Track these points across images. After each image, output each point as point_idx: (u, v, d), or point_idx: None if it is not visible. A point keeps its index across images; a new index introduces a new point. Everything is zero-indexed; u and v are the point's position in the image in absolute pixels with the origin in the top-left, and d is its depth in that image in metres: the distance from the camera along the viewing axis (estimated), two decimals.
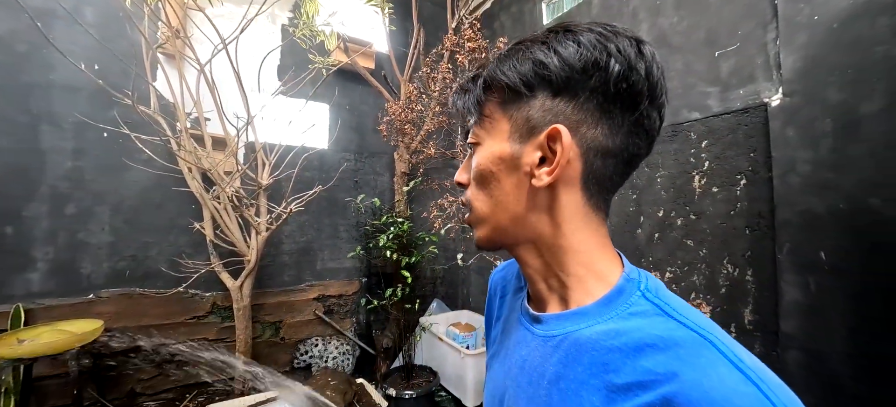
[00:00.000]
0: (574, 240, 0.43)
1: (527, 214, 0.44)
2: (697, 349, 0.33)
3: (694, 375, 0.31)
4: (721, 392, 0.29)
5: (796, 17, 1.60)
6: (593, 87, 0.40)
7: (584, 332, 0.40)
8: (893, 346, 1.33)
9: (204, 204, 2.25)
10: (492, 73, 0.44)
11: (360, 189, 3.13)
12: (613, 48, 0.39)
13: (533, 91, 0.42)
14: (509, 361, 0.49)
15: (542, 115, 0.42)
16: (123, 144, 2.29)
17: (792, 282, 1.61)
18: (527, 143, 0.43)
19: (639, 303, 0.39)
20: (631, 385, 0.34)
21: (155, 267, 2.41)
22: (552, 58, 0.40)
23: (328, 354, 2.80)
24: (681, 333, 0.34)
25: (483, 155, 0.45)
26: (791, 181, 1.62)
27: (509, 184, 0.44)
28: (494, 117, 0.45)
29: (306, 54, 2.61)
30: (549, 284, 0.46)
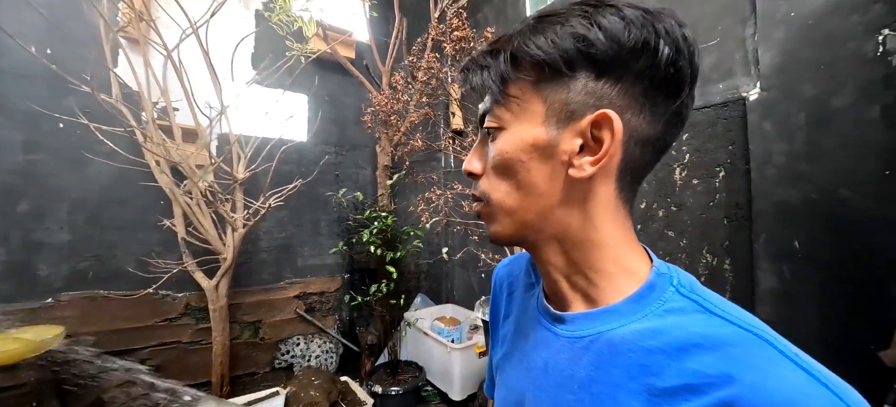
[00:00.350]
0: (605, 234, 0.40)
1: (557, 208, 0.39)
2: (750, 348, 0.30)
3: (753, 376, 0.28)
4: (787, 394, 0.27)
5: (774, 13, 1.65)
6: (640, 70, 0.36)
7: (618, 331, 0.37)
8: (862, 329, 1.41)
9: (174, 200, 2.12)
10: (522, 46, 0.37)
11: (341, 183, 3.04)
12: (661, 29, 0.35)
13: (574, 70, 0.37)
14: (528, 364, 0.45)
15: (585, 98, 0.37)
16: (82, 136, 2.12)
17: (767, 270, 1.67)
18: (565, 129, 0.38)
19: (674, 299, 0.36)
20: (677, 389, 0.31)
21: (121, 267, 2.26)
22: (598, 33, 0.35)
23: (311, 352, 2.73)
24: (728, 330, 0.32)
25: (509, 141, 0.40)
26: (767, 173, 1.68)
27: (541, 174, 0.39)
28: (525, 98, 0.39)
29: (282, 42, 2.50)
30: (572, 281, 0.42)
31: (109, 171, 2.21)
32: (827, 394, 0.27)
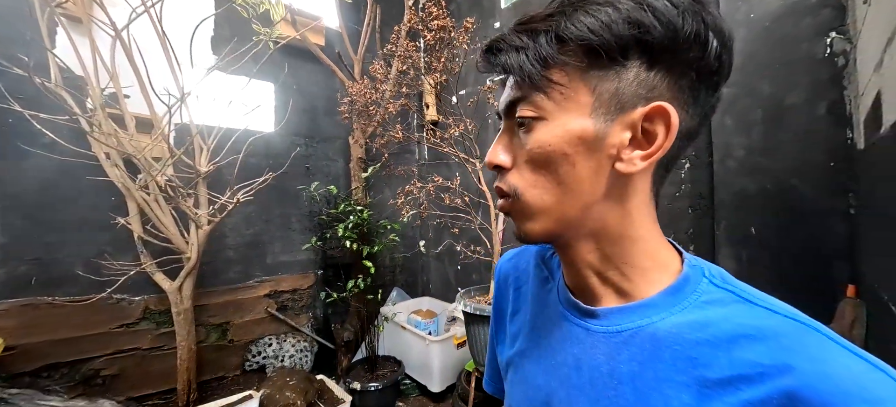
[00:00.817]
0: (642, 229, 0.39)
1: (597, 203, 0.37)
2: (802, 337, 0.30)
3: (814, 366, 0.28)
4: (853, 382, 0.27)
5: (735, 14, 1.75)
6: (689, 61, 0.34)
7: (659, 325, 0.36)
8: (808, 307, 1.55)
9: (129, 195, 1.94)
10: (570, 27, 0.34)
11: (312, 176, 2.93)
12: (710, 20, 0.34)
13: (627, 58, 0.34)
14: (554, 361, 0.43)
15: (636, 89, 0.35)
16: (15, 126, 1.89)
17: (727, 254, 1.80)
18: (614, 122, 0.35)
19: (710, 291, 0.36)
20: (731, 379, 0.31)
21: (69, 271, 2.05)
22: (653, 19, 0.32)
23: (284, 352, 2.63)
24: (774, 320, 0.32)
25: (552, 132, 0.36)
26: (728, 165, 1.80)
27: (587, 168, 0.36)
28: (571, 86, 0.35)
29: (245, 25, 2.34)
30: (605, 277, 0.41)
31: (50, 165, 1.98)
32: (887, 378, 0.27)
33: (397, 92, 2.25)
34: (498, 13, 2.88)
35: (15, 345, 1.87)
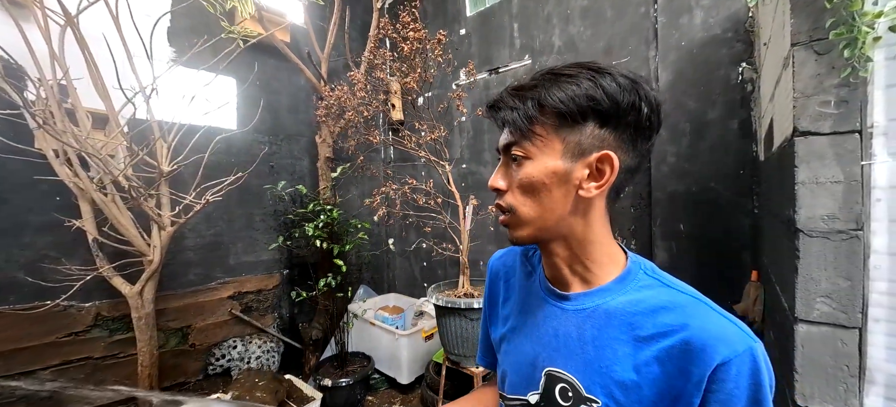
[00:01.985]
0: (599, 235, 0.56)
1: (567, 217, 0.53)
2: (694, 308, 0.49)
3: (699, 323, 0.47)
4: (719, 332, 0.46)
5: (669, 39, 2.04)
6: (628, 122, 0.50)
7: (611, 303, 0.54)
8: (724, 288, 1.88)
9: (81, 195, 1.82)
10: (547, 97, 0.50)
11: (277, 175, 2.88)
12: (643, 93, 0.50)
13: (585, 119, 0.50)
14: (538, 333, 0.60)
15: (592, 140, 0.50)
16: None
17: (662, 247, 2.10)
18: (577, 162, 0.51)
19: (644, 279, 0.54)
20: (653, 336, 0.49)
21: (4, 278, 1.88)
22: (603, 94, 0.48)
23: (250, 354, 2.58)
24: (680, 298, 0.51)
25: (536, 168, 0.52)
26: (662, 170, 2.09)
27: (559, 193, 0.52)
28: (548, 137, 0.51)
29: (203, 17, 2.25)
30: (573, 269, 0.57)
31: None
32: (738, 330, 0.47)
33: (371, 96, 2.31)
34: (463, 20, 3.02)
35: None
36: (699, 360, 0.45)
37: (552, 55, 2.51)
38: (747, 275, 1.68)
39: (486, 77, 2.87)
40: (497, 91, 2.31)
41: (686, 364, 0.46)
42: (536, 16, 2.58)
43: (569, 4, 2.42)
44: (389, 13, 3.15)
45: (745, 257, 1.83)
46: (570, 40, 2.44)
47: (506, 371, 0.65)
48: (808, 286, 0.90)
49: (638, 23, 2.16)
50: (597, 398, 0.51)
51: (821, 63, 0.87)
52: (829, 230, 0.87)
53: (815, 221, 0.89)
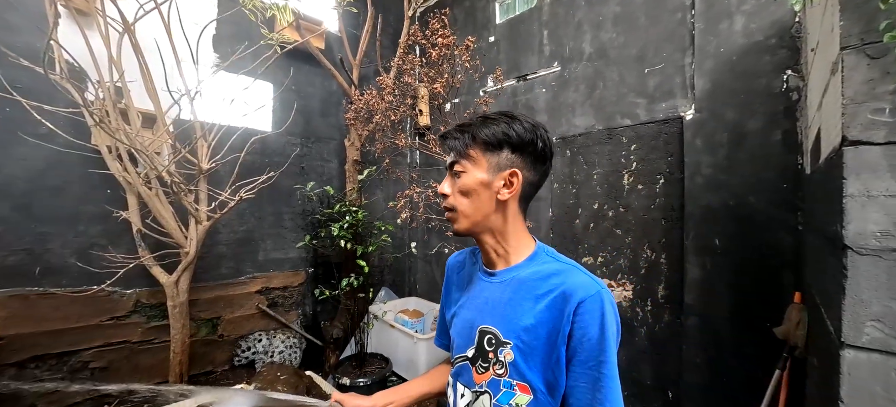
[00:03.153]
0: (514, 228, 0.78)
1: (491, 215, 0.76)
2: (570, 271, 0.72)
3: (570, 279, 0.70)
4: (580, 283, 0.68)
5: (707, 47, 1.96)
6: (529, 151, 0.75)
7: (521, 274, 0.76)
8: (762, 309, 1.76)
9: (129, 189, 1.96)
10: (478, 133, 0.75)
11: (307, 176, 2.98)
12: (539, 133, 0.75)
13: (502, 148, 0.74)
14: (476, 303, 0.81)
15: (506, 161, 0.75)
16: (12, 114, 1.88)
17: (694, 263, 2.00)
18: (496, 175, 0.74)
19: (545, 258, 0.78)
20: (546, 293, 0.71)
21: (58, 262, 2.04)
22: (513, 133, 0.74)
23: (274, 348, 2.66)
24: (563, 266, 0.74)
25: (470, 179, 0.75)
26: (697, 181, 2.00)
27: (484, 197, 0.75)
28: (477, 158, 0.75)
29: (248, 26, 2.39)
30: (498, 253, 0.80)
31: (43, 155, 1.98)
32: (593, 281, 0.69)
33: (400, 101, 2.35)
34: (492, 27, 3.04)
35: (3, 336, 1.85)
36: (568, 302, 0.67)
37: (582, 62, 2.47)
38: (788, 296, 1.57)
39: (513, 84, 2.86)
40: (524, 98, 2.29)
41: (562, 305, 0.68)
42: (567, 23, 2.56)
43: (601, 11, 2.38)
44: (420, 21, 3.22)
45: (786, 277, 1.71)
46: (601, 47, 2.39)
47: (454, 339, 0.84)
48: (856, 309, 0.83)
49: (673, 29, 2.09)
50: (509, 340, 0.72)
51: (874, 68, 0.81)
52: (881, 248, 0.80)
53: (865, 238, 0.82)
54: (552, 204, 2.63)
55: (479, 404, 0.76)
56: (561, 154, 2.58)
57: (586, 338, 0.66)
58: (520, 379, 0.71)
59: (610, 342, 0.66)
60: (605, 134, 2.36)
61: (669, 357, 2.09)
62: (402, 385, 0.94)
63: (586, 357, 0.66)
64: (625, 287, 2.29)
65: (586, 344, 0.66)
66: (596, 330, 0.66)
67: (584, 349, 0.66)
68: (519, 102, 2.81)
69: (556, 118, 2.61)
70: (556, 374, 0.69)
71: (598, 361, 0.66)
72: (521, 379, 0.71)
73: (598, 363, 0.66)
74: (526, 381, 0.70)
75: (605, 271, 2.36)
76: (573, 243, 2.52)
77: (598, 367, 0.66)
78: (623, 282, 2.29)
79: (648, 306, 2.18)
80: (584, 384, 0.66)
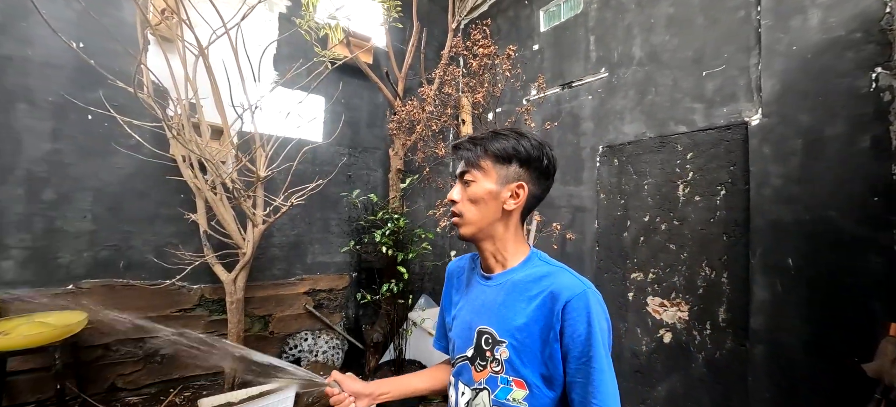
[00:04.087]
0: (513, 236, 0.84)
1: (495, 222, 0.82)
2: (560, 273, 0.77)
3: (559, 280, 0.75)
4: (568, 283, 0.74)
5: (776, 45, 1.78)
6: (535, 167, 0.81)
7: (515, 277, 0.81)
8: (845, 341, 1.53)
9: (198, 194, 2.18)
10: (488, 146, 0.80)
11: (353, 184, 3.12)
12: (545, 152, 0.81)
13: (511, 161, 0.80)
14: (473, 305, 0.86)
15: (514, 174, 0.81)
16: (110, 128, 2.18)
17: (762, 283, 1.80)
18: (504, 187, 0.80)
19: (537, 262, 0.83)
20: (537, 294, 0.76)
21: (139, 257, 2.31)
22: (522, 148, 0.80)
23: (318, 348, 2.79)
24: (552, 269, 0.79)
25: (479, 188, 0.80)
26: (764, 193, 1.81)
27: (492, 206, 0.80)
28: (488, 169, 0.80)
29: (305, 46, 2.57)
30: (496, 258, 0.85)
31: (132, 163, 2.26)
32: (579, 282, 0.74)
33: (441, 111, 2.40)
34: (536, 36, 3.00)
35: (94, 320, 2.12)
36: (556, 301, 0.73)
37: (631, 67, 2.36)
38: (880, 327, 1.36)
39: (558, 91, 2.79)
40: (569, 105, 2.25)
41: (551, 304, 0.73)
42: (615, 27, 2.46)
43: (652, 13, 2.27)
44: (463, 33, 3.27)
45: (875, 306, 1.48)
46: (652, 51, 2.27)
47: (454, 340, 0.88)
48: None
49: (735, 28, 1.93)
50: (505, 340, 0.77)
51: None
52: None
53: None
54: (598, 215, 2.51)
55: (478, 401, 0.80)
56: (608, 163, 2.46)
57: (576, 335, 0.71)
58: (515, 375, 0.76)
59: (596, 338, 0.70)
60: (657, 142, 2.22)
61: (733, 389, 1.88)
62: (400, 377, 0.98)
63: (578, 353, 0.71)
64: (679, 307, 2.11)
65: (577, 340, 0.71)
66: (583, 327, 0.70)
67: (575, 346, 0.71)
68: (563, 110, 2.73)
69: (602, 126, 2.50)
70: (550, 368, 0.74)
71: (587, 357, 0.70)
72: (516, 375, 0.76)
73: (588, 358, 0.70)
74: (521, 376, 0.75)
75: (656, 289, 2.20)
76: (621, 258, 2.38)
77: (588, 362, 0.70)
78: (677, 301, 2.12)
79: (707, 330, 1.99)
80: (579, 379, 0.71)
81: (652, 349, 2.21)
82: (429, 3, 3.45)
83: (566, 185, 2.71)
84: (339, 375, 0.90)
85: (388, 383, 0.94)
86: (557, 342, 0.72)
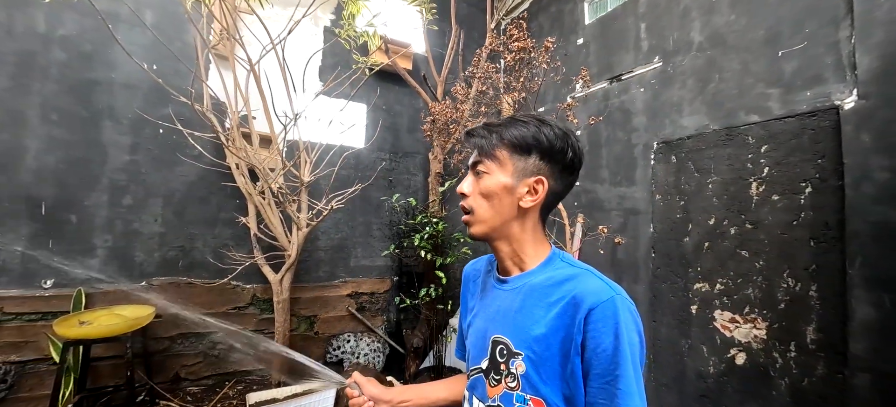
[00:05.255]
0: (531, 236, 0.74)
1: (510, 221, 0.72)
2: (584, 276, 0.67)
3: (583, 284, 0.65)
4: (593, 288, 0.63)
5: (874, 12, 1.49)
6: (558, 160, 0.70)
7: (534, 280, 0.71)
8: None
9: (249, 199, 2.32)
10: (505, 133, 0.70)
11: (394, 188, 3.15)
12: (570, 142, 0.70)
13: (530, 152, 0.70)
14: (489, 312, 0.77)
15: (533, 167, 0.70)
16: (177, 140, 2.40)
17: (864, 299, 1.49)
18: (521, 181, 0.70)
19: (559, 263, 0.72)
20: (558, 299, 0.65)
21: (200, 258, 2.51)
22: (543, 138, 0.69)
23: (360, 350, 2.83)
24: (576, 271, 0.68)
25: (493, 181, 0.71)
26: (865, 190, 1.50)
27: (506, 201, 0.71)
28: (504, 160, 0.70)
29: (347, 55, 2.66)
30: (513, 261, 0.75)
31: (194, 172, 2.47)
32: (607, 286, 0.63)
33: (476, 110, 2.34)
34: (581, 30, 2.84)
35: (162, 314, 2.33)
36: (579, 308, 0.62)
37: (690, 54, 2.12)
38: None
39: (606, 86, 2.61)
40: (618, 100, 2.08)
41: (573, 313, 0.63)
42: (669, 12, 2.24)
43: None
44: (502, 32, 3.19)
45: None
46: (715, 34, 2.02)
47: (469, 349, 0.81)
48: None
49: None
50: (521, 351, 0.67)
51: None
52: None
53: None
54: (653, 219, 2.28)
55: None
56: (664, 160, 2.23)
57: (600, 349, 0.60)
58: (533, 393, 0.65)
59: (625, 354, 0.59)
60: (722, 135, 1.97)
61: None
62: (420, 385, 0.93)
63: (602, 371, 0.60)
64: (755, 324, 1.83)
65: (600, 356, 0.60)
66: (610, 340, 0.59)
67: (599, 363, 0.60)
68: (611, 105, 2.54)
69: (657, 120, 2.28)
70: (572, 388, 0.63)
71: (613, 376, 0.59)
72: (534, 393, 0.65)
73: (614, 378, 0.59)
74: (540, 395, 0.64)
75: (726, 302, 1.94)
76: (681, 266, 2.13)
77: (614, 382, 0.59)
78: (752, 317, 1.84)
79: (791, 352, 1.70)
80: (602, 402, 0.60)
81: (721, 371, 1.94)
82: (468, 7, 3.42)
83: (616, 185, 2.50)
84: (360, 378, 0.88)
85: (408, 391, 0.90)
86: (578, 356, 0.62)
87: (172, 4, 2.42)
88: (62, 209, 2.20)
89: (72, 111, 2.23)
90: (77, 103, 2.25)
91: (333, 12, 2.96)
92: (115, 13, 2.28)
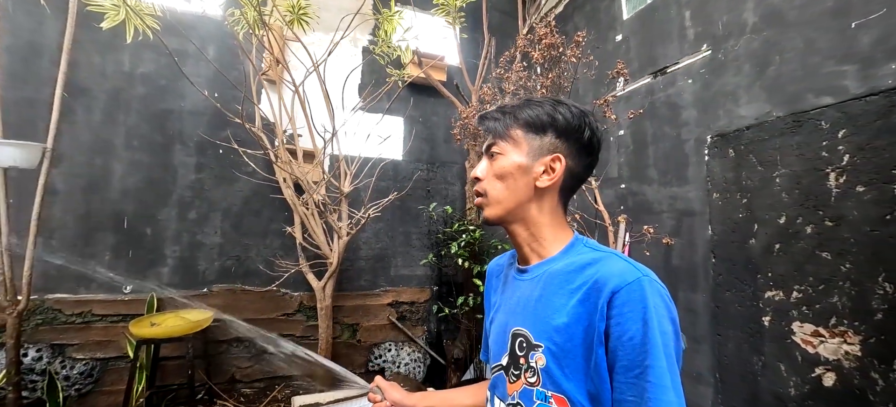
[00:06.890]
0: (550, 220, 0.70)
1: (526, 203, 0.69)
2: (607, 259, 0.61)
3: (606, 267, 0.59)
4: (617, 270, 0.58)
5: None
6: (575, 138, 0.68)
7: (554, 267, 0.66)
8: None
9: (295, 210, 2.47)
10: (520, 113, 0.69)
11: (431, 198, 3.19)
12: (587, 121, 0.68)
13: (545, 132, 0.68)
14: (509, 305, 0.73)
15: (549, 146, 0.68)
16: (233, 159, 2.64)
17: None
18: (537, 160, 0.67)
19: (582, 248, 0.68)
20: (580, 285, 0.60)
21: (253, 266, 2.70)
22: (559, 116, 0.67)
23: (401, 359, 2.84)
24: (600, 254, 0.64)
25: (507, 161, 0.68)
26: None
27: (522, 182, 0.68)
28: (518, 140, 0.68)
29: (384, 71, 2.78)
30: (531, 247, 0.71)
31: (249, 186, 2.69)
32: (632, 267, 0.58)
33: None
34: (619, 26, 2.72)
35: (220, 318, 2.52)
36: (601, 292, 0.57)
37: (744, 37, 1.93)
38: None
39: (649, 81, 2.45)
40: (664, 94, 1.97)
41: (595, 298, 0.57)
42: None
43: None
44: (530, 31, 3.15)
45: None
46: (771, 12, 1.83)
47: (491, 347, 0.77)
48: None
49: None
50: (541, 343, 0.62)
51: None
52: None
53: None
54: (711, 220, 2.07)
55: None
56: (721, 155, 2.03)
57: (626, 337, 0.53)
58: (555, 389, 0.59)
59: (656, 342, 0.52)
60: (788, 121, 1.75)
61: None
62: (443, 392, 0.93)
63: (628, 363, 0.53)
64: (846, 337, 1.57)
65: (627, 345, 0.53)
66: (637, 327, 0.53)
67: (625, 353, 0.53)
68: (657, 101, 2.37)
69: (709, 112, 2.09)
70: (597, 384, 0.56)
71: (642, 367, 0.52)
72: (556, 389, 0.59)
73: (643, 370, 0.52)
74: (562, 392, 0.58)
75: (806, 313, 1.68)
76: (748, 271, 1.89)
77: (642, 374, 0.52)
78: (841, 330, 1.58)
79: (894, 372, 1.43)
80: (630, 398, 0.53)
81: (805, 394, 1.67)
82: (500, 15, 3.43)
83: (666, 185, 2.31)
84: (383, 382, 0.87)
85: (432, 397, 0.90)
86: (602, 347, 0.55)
87: (230, 38, 2.70)
88: (140, 224, 2.49)
89: (149, 137, 2.55)
90: (153, 131, 2.56)
91: (371, 33, 3.12)
92: (183, 50, 2.58)
